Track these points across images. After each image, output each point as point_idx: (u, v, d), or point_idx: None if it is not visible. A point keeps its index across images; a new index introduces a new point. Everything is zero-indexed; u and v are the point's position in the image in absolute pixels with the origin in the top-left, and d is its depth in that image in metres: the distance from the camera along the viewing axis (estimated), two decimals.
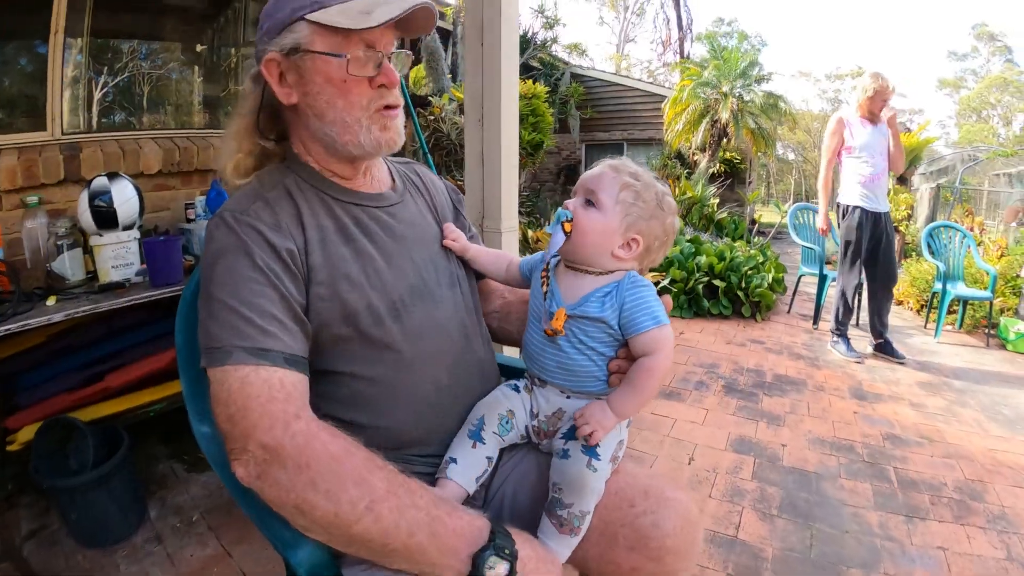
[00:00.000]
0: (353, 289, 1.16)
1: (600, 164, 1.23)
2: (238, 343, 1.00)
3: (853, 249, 4.84)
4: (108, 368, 2.75)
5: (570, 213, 1.18)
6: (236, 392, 0.98)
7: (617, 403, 1.12)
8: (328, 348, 1.15)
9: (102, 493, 2.31)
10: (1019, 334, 5.52)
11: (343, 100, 1.15)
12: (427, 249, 1.34)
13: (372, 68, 1.15)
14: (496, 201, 2.92)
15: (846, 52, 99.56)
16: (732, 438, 3.44)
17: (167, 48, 3.34)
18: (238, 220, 1.10)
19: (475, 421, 1.25)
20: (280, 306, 1.06)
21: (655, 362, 1.10)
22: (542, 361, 1.22)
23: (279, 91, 1.18)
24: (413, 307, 1.23)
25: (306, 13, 1.11)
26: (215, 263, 1.08)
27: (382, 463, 1.01)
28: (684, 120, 12.44)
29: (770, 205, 24.83)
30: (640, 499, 1.19)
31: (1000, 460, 3.33)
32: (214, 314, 1.03)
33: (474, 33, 2.84)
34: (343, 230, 1.21)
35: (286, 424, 0.96)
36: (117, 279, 2.42)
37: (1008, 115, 38.54)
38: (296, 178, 1.22)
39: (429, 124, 7.07)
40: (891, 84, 4.74)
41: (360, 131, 1.18)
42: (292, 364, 1.03)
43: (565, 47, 19.26)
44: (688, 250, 6.73)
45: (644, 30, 40.92)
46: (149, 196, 2.82)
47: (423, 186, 1.49)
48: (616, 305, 1.14)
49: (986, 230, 8.90)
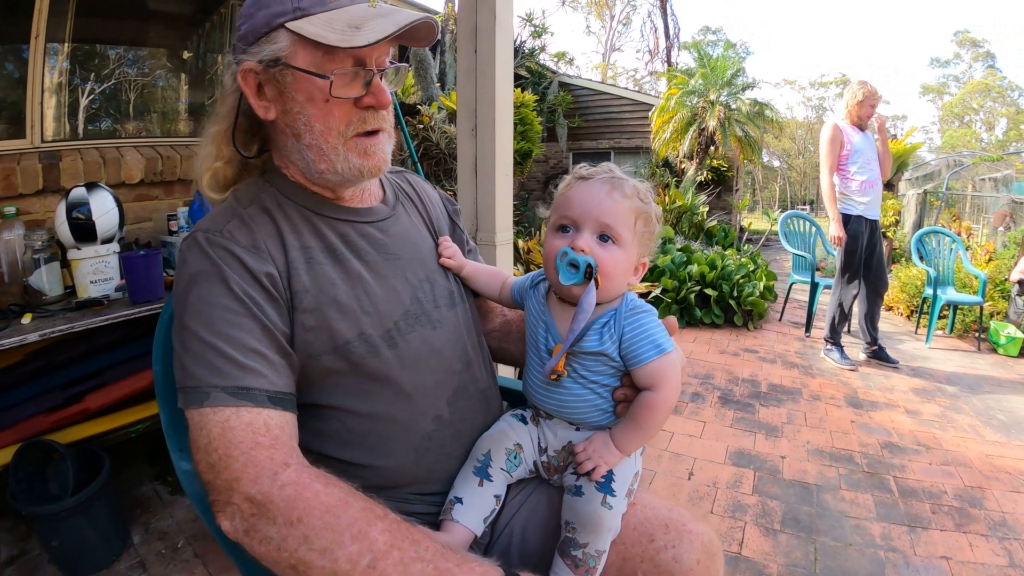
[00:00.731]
0: (343, 316, 1.06)
1: (591, 180, 1.10)
2: (216, 382, 0.91)
3: (855, 259, 4.84)
4: (88, 388, 2.65)
5: (592, 260, 1.03)
6: (217, 438, 0.89)
7: (620, 438, 1.06)
8: (317, 381, 1.05)
9: (83, 519, 2.22)
10: (1009, 337, 5.55)
11: (322, 123, 1.05)
12: (422, 267, 1.23)
13: (360, 87, 1.06)
14: (490, 213, 2.86)
15: (830, 60, 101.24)
16: (731, 451, 3.38)
17: (151, 55, 3.28)
18: (211, 242, 1.01)
19: (480, 456, 1.15)
20: (262, 338, 0.97)
21: (658, 399, 1.03)
22: (545, 399, 1.13)
23: (256, 104, 1.08)
24: (409, 333, 1.13)
25: (286, 20, 1.02)
26: (188, 290, 0.98)
27: (382, 511, 0.91)
28: (671, 128, 12.51)
29: (756, 212, 25.02)
30: (660, 533, 1.12)
31: (997, 466, 3.32)
32: (189, 348, 0.94)
33: (467, 40, 2.79)
34: (330, 250, 1.11)
35: (274, 474, 0.87)
36: (95, 295, 2.32)
37: (991, 120, 39.25)
38: (275, 192, 1.12)
39: (418, 133, 7.02)
40: (878, 91, 4.76)
41: (337, 159, 1.08)
42: (277, 403, 0.94)
43: (553, 56, 19.33)
44: (679, 259, 6.70)
45: (630, 39, 41.19)
46: (131, 207, 2.74)
47: (416, 197, 1.38)
48: (615, 336, 1.05)
49: (973, 234, 8.98)
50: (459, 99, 2.93)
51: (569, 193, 1.10)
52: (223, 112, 1.15)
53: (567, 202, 1.10)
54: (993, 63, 41.87)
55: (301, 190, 1.14)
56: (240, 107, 1.11)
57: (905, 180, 11.74)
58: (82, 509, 2.21)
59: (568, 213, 1.08)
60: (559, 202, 1.12)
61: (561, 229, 1.10)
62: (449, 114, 7.44)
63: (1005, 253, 7.10)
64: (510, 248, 3.01)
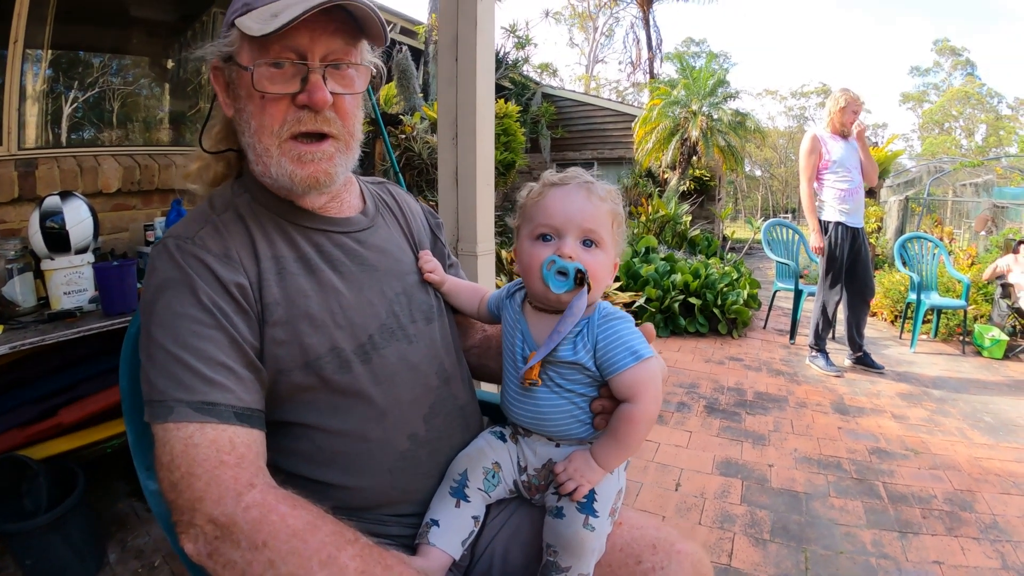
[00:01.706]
0: (315, 330, 1.02)
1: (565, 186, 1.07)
2: (181, 396, 0.87)
3: (836, 266, 4.86)
4: (62, 402, 2.57)
5: (581, 265, 1.01)
6: (180, 455, 0.85)
7: (600, 455, 1.02)
8: (287, 398, 1.01)
9: (57, 537, 2.15)
10: (994, 340, 5.60)
11: (257, 121, 1.02)
12: (400, 280, 1.19)
13: (296, 83, 1.01)
14: (471, 223, 2.83)
15: (811, 70, 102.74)
16: (718, 460, 3.36)
17: (132, 62, 3.24)
18: (182, 249, 0.97)
19: (457, 476, 1.11)
20: (230, 351, 0.93)
21: (637, 411, 0.99)
22: (521, 411, 1.09)
23: (223, 101, 1.07)
24: (384, 348, 1.09)
25: (235, 17, 1.00)
26: (156, 299, 0.94)
27: (353, 535, 0.86)
28: (654, 139, 12.59)
29: (739, 221, 25.20)
30: (648, 554, 1.09)
31: (986, 468, 3.33)
32: (154, 360, 0.91)
33: (448, 49, 2.77)
34: (303, 260, 1.07)
35: (238, 495, 0.83)
36: (69, 307, 2.27)
37: (970, 126, 39.85)
38: (249, 199, 1.09)
39: (400, 143, 7.00)
40: (860, 98, 4.79)
41: (270, 162, 1.03)
42: (244, 420, 0.90)
43: (536, 67, 19.43)
44: (663, 268, 6.71)
45: (613, 51, 41.58)
46: (107, 216, 2.69)
47: (398, 209, 1.34)
48: (589, 344, 1.02)
49: (955, 239, 9.08)
50: (440, 108, 2.91)
51: (545, 201, 1.08)
52: None
53: (545, 210, 1.07)
54: (972, 71, 42.57)
55: (272, 196, 1.10)
56: (214, 104, 1.12)
57: (887, 187, 11.90)
58: (57, 526, 2.14)
59: (549, 221, 1.06)
60: (533, 211, 1.09)
61: (542, 238, 1.07)
62: (431, 124, 7.42)
63: (987, 257, 7.17)
64: (492, 258, 2.98)
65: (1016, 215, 9.14)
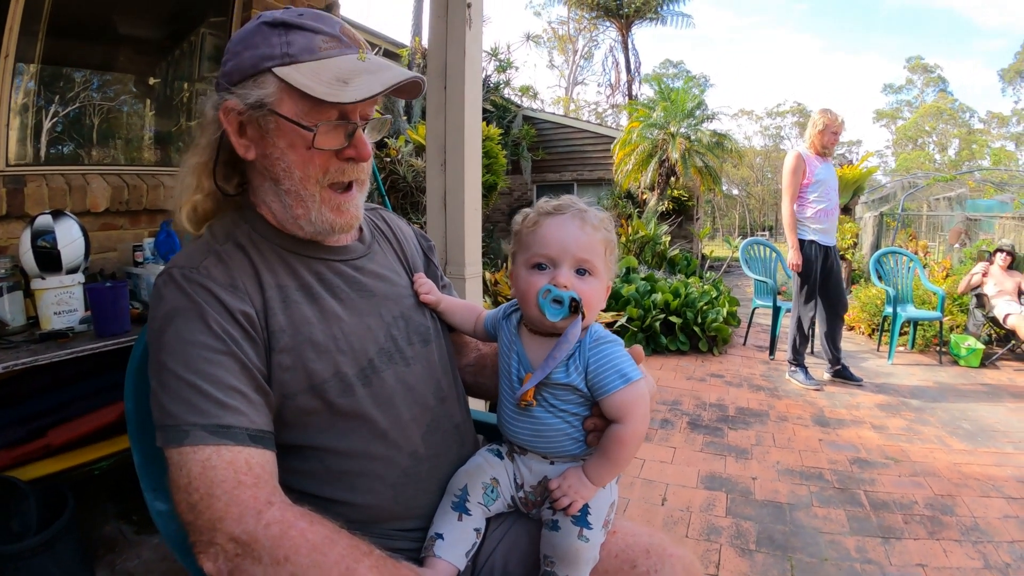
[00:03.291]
0: (319, 356, 1.05)
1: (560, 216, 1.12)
2: (196, 420, 0.90)
3: (810, 282, 4.95)
4: (51, 422, 2.55)
5: (576, 294, 1.06)
6: (198, 477, 0.88)
7: (592, 472, 1.07)
8: (293, 421, 1.05)
9: (46, 559, 2.12)
10: (970, 349, 5.71)
11: (301, 171, 1.06)
12: (397, 304, 1.23)
13: (342, 138, 1.07)
14: (459, 246, 2.88)
15: (786, 89, 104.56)
16: (702, 475, 3.39)
17: (120, 80, 3.22)
18: (188, 279, 1.00)
19: (458, 491, 1.15)
20: (240, 376, 0.96)
21: (626, 432, 1.04)
22: (517, 429, 1.14)
23: (237, 142, 1.07)
24: (384, 371, 1.13)
25: (275, 66, 1.02)
26: (165, 328, 0.97)
27: (368, 548, 0.90)
28: (633, 160, 12.76)
29: (717, 240, 25.43)
30: (642, 559, 1.13)
31: (966, 473, 3.40)
32: (166, 386, 0.93)
33: (437, 77, 2.83)
34: (306, 288, 1.10)
35: (258, 513, 0.86)
36: (60, 327, 2.25)
37: (943, 141, 40.70)
38: (249, 229, 1.12)
39: (385, 166, 7.04)
40: (840, 118, 4.90)
41: (312, 208, 1.08)
42: (258, 441, 0.94)
43: (517, 90, 19.63)
44: (644, 288, 6.77)
45: (592, 73, 42.12)
46: (95, 236, 2.68)
47: (391, 235, 1.38)
48: (581, 368, 1.07)
49: (930, 252, 9.25)
50: (428, 134, 2.96)
51: (540, 231, 1.12)
52: (203, 144, 1.12)
53: (540, 239, 1.11)
54: (945, 87, 43.56)
55: (275, 230, 1.13)
56: (221, 142, 1.10)
57: (862, 203, 12.09)
58: (46, 548, 2.12)
59: (544, 251, 1.11)
60: (529, 239, 1.14)
61: (537, 267, 1.11)
62: (416, 147, 7.47)
63: (962, 269, 7.32)
64: (479, 281, 3.03)
65: (989, 227, 9.36)
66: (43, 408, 2.56)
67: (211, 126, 1.10)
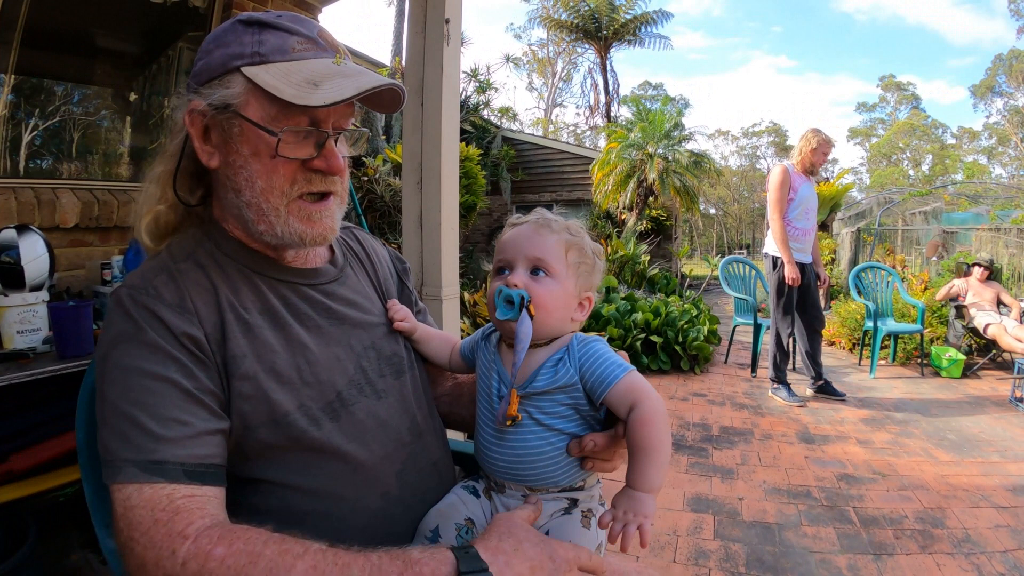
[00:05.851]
0: (282, 387, 0.97)
1: (522, 224, 1.09)
2: (128, 456, 0.83)
3: (786, 298, 4.94)
4: (12, 447, 2.41)
5: (525, 292, 1.00)
6: (121, 518, 0.81)
7: (637, 479, 0.93)
8: (253, 456, 0.96)
9: None
10: (952, 360, 5.71)
11: (264, 181, 0.97)
12: (368, 332, 1.15)
13: (311, 148, 0.99)
14: (436, 267, 2.83)
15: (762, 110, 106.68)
16: (688, 496, 3.31)
17: (96, 94, 3.15)
18: (135, 300, 0.92)
19: (428, 533, 1.05)
20: (184, 403, 0.88)
21: (647, 410, 0.93)
22: (496, 456, 1.04)
23: (200, 148, 1.00)
24: (353, 404, 1.04)
25: (243, 65, 0.95)
26: (108, 354, 0.90)
27: (302, 548, 0.80)
28: (612, 181, 12.85)
29: (696, 258, 25.62)
30: None
31: (954, 484, 3.35)
32: (106, 420, 0.86)
33: (414, 94, 2.79)
34: (270, 312, 1.02)
35: (172, 553, 0.78)
36: (22, 347, 2.14)
37: (917, 157, 41.52)
38: (213, 248, 1.04)
39: (363, 185, 7.01)
40: (831, 139, 4.96)
41: (277, 221, 1.00)
42: (195, 477, 0.85)
43: (497, 111, 19.83)
44: (624, 307, 6.75)
45: (571, 95, 42.69)
46: (64, 253, 2.60)
47: (365, 257, 1.30)
48: (574, 367, 0.99)
49: (908, 266, 9.33)
50: (405, 152, 2.92)
51: (504, 238, 1.10)
52: (171, 151, 1.05)
53: (501, 246, 1.10)
54: (918, 104, 44.53)
55: (241, 246, 1.06)
56: (185, 148, 1.03)
57: (839, 220, 12.24)
58: None
59: (502, 255, 1.08)
60: (496, 248, 1.12)
61: (499, 272, 1.08)
62: (394, 167, 7.46)
63: (940, 281, 7.39)
64: (456, 303, 2.96)
65: (965, 239, 9.49)
66: (5, 433, 2.43)
67: (178, 134, 1.04)
